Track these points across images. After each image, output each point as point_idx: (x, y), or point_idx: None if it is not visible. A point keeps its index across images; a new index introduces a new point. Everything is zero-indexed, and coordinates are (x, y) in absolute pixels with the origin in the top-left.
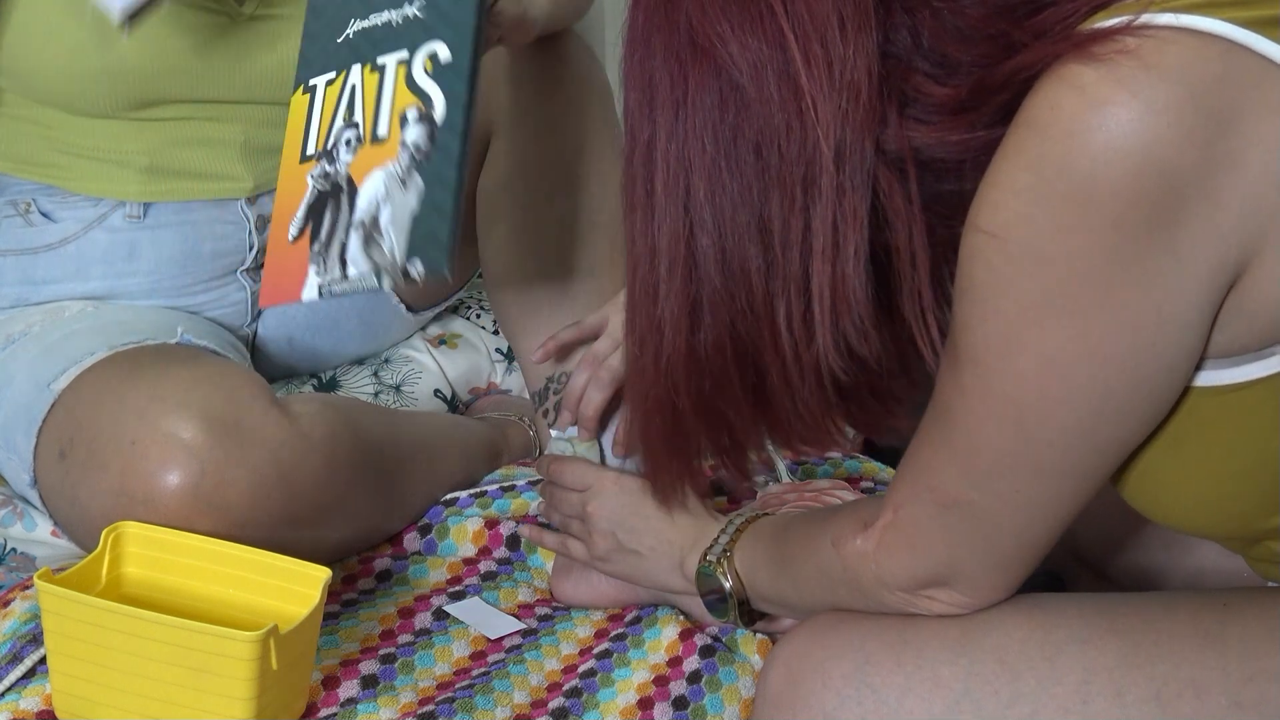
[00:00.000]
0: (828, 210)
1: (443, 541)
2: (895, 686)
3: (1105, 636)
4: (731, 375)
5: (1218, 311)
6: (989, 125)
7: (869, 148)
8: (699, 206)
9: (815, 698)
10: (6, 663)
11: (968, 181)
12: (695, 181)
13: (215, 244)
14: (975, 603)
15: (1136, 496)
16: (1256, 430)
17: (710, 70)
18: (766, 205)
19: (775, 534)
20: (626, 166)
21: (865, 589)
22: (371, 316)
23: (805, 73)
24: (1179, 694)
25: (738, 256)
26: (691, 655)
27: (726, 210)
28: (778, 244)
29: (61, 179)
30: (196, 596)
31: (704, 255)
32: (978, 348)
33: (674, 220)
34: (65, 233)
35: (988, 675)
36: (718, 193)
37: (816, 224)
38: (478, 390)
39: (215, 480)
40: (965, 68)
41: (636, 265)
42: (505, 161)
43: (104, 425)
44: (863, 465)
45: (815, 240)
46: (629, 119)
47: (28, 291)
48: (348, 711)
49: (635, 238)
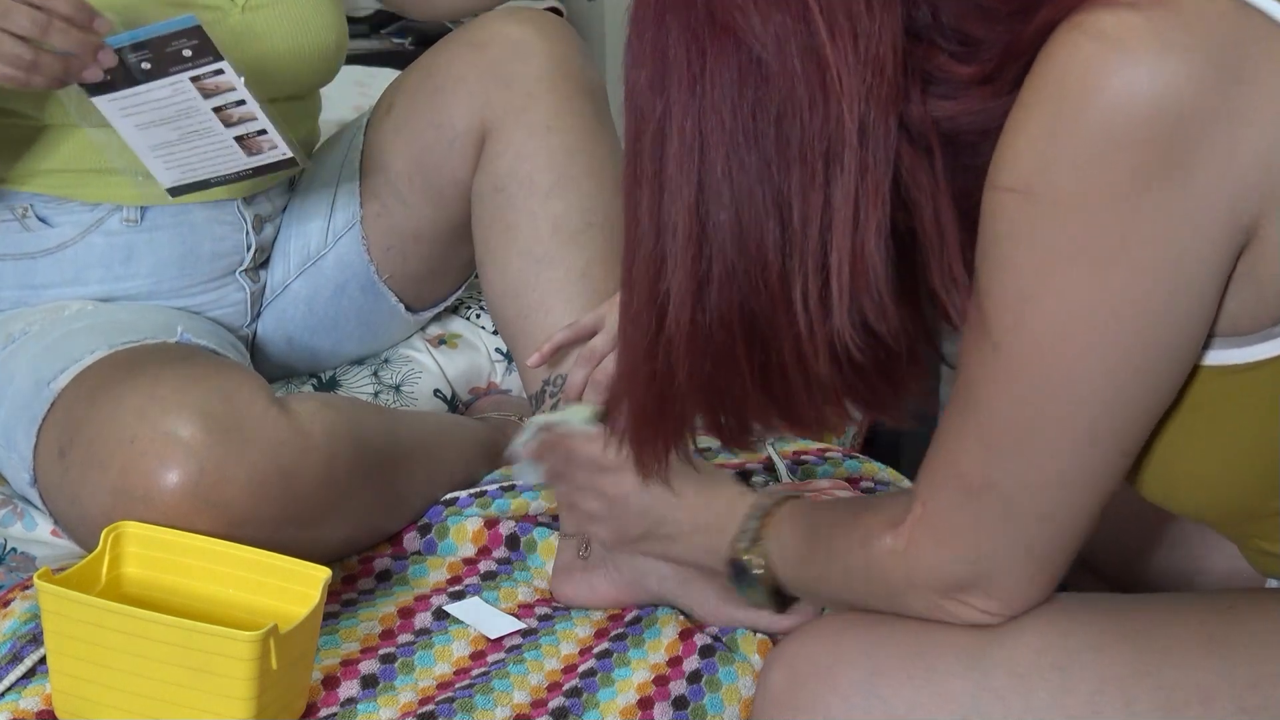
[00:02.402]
0: (850, 185)
1: (443, 541)
2: (904, 699)
3: (1117, 643)
4: (737, 353)
5: (1230, 277)
6: (1011, 90)
7: (892, 124)
8: (715, 182)
9: (821, 701)
10: (6, 663)
11: (987, 153)
12: (712, 157)
13: (213, 245)
14: (1006, 608)
15: (1141, 477)
16: (1261, 413)
17: (730, 44)
18: (786, 180)
19: (805, 526)
20: (632, 145)
21: (894, 589)
22: (371, 317)
23: (830, 46)
24: (1186, 701)
25: (755, 232)
26: (691, 655)
27: (744, 185)
28: (797, 219)
29: (58, 188)
30: (196, 596)
31: (718, 231)
32: (996, 309)
33: (687, 196)
34: (63, 238)
35: (998, 689)
36: (735, 168)
37: (838, 199)
38: (478, 390)
39: (214, 478)
40: (987, 45)
41: (639, 242)
42: (500, 162)
43: (103, 424)
44: (863, 465)
45: (836, 216)
46: (636, 98)
47: (27, 295)
48: (348, 711)
49: (640, 215)
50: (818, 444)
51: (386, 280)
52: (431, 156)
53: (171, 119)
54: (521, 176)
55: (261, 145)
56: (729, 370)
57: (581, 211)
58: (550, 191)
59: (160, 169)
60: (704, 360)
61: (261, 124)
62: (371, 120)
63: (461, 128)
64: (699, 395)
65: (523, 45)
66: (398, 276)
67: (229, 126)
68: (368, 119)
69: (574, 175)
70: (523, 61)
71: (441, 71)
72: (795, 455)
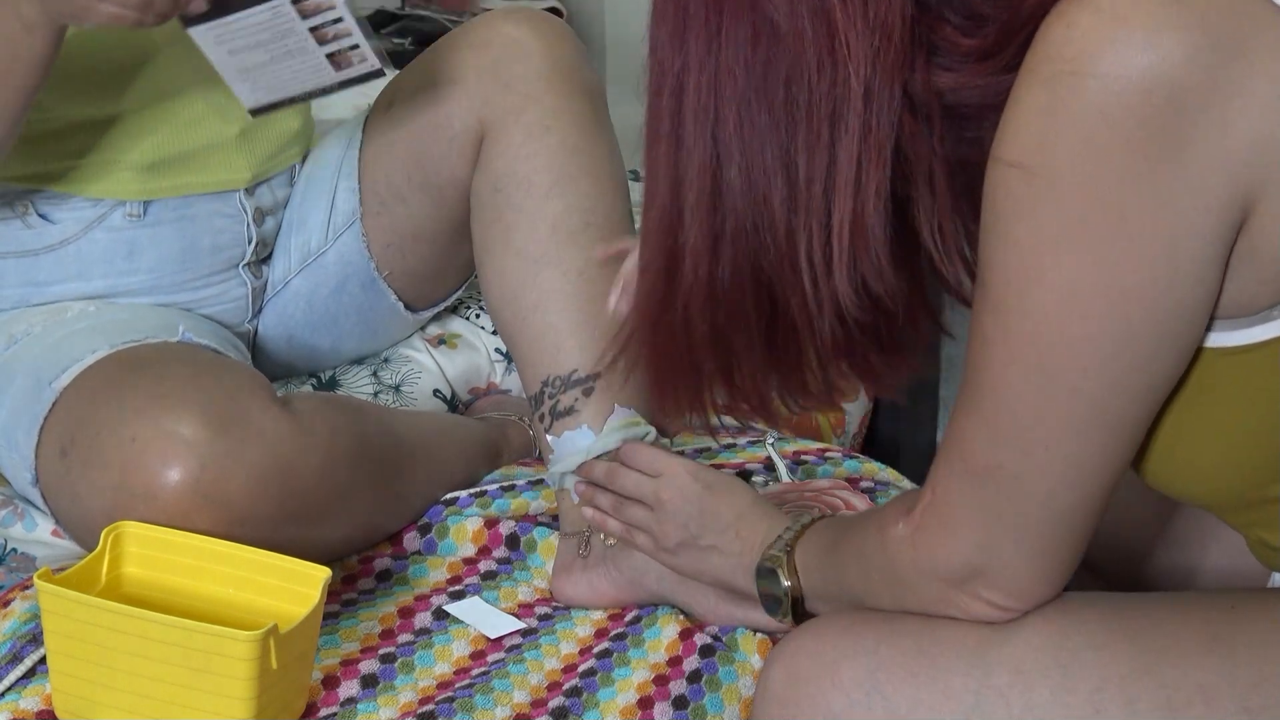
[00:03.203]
0: (853, 147)
1: (443, 541)
2: (906, 696)
3: (1119, 642)
4: (748, 309)
5: (1229, 256)
6: (1010, 68)
7: (897, 90)
8: (728, 139)
9: (823, 697)
10: (6, 663)
11: (987, 129)
12: (725, 114)
13: (214, 238)
14: (1015, 601)
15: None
16: (1261, 396)
17: (745, 3)
18: (793, 140)
19: (833, 532)
20: (653, 99)
21: (903, 579)
22: (371, 316)
23: (840, 10)
24: (1188, 701)
25: (763, 189)
26: (691, 655)
27: (754, 144)
28: (802, 178)
29: (60, 183)
30: (196, 596)
31: (730, 187)
32: (999, 287)
33: (703, 151)
34: (65, 234)
35: (1000, 686)
36: (746, 126)
37: (841, 160)
38: (477, 390)
39: (215, 476)
40: (992, 19)
41: (655, 195)
42: (498, 162)
43: (105, 423)
44: (863, 465)
45: (838, 176)
46: (658, 53)
47: (30, 293)
48: (348, 711)
49: (658, 169)
50: (818, 444)
51: (386, 277)
52: (430, 155)
53: (266, 42)
54: (520, 176)
55: (351, 59)
56: (741, 326)
57: (580, 211)
58: (549, 191)
59: (246, 91)
60: (718, 313)
61: (355, 39)
62: (370, 118)
63: (460, 127)
64: (713, 350)
65: (522, 45)
66: (398, 274)
67: (322, 45)
68: (367, 117)
69: (573, 175)
70: (522, 61)
71: (441, 71)
72: (795, 455)
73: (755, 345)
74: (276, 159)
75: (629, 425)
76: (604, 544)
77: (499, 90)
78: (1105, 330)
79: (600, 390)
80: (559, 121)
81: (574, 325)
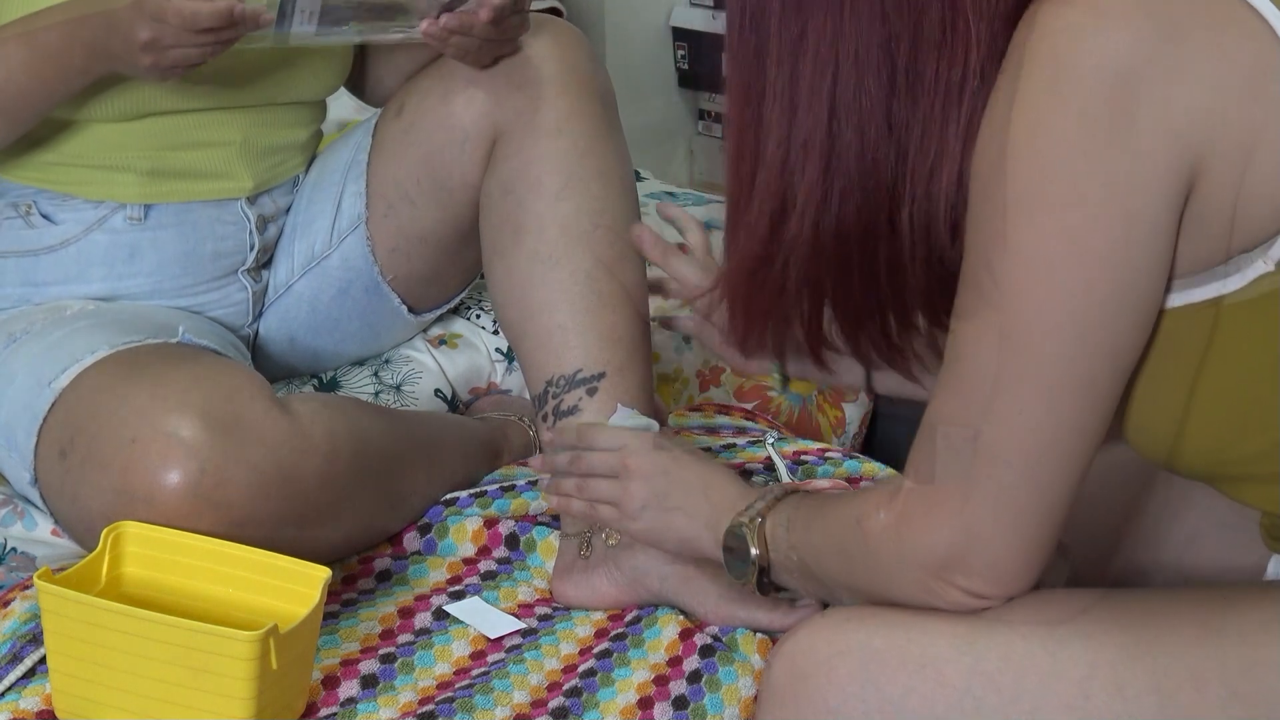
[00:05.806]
0: (962, 126)
1: (442, 541)
2: (899, 685)
3: (1109, 628)
4: (849, 260)
5: (1180, 220)
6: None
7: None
8: (846, 105)
9: (820, 693)
10: (6, 663)
11: None
12: (845, 80)
13: (216, 244)
14: (994, 588)
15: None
16: (1224, 351)
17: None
18: (908, 112)
19: (808, 510)
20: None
21: (885, 567)
22: (374, 319)
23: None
24: (1178, 686)
25: (875, 154)
26: (691, 655)
27: (871, 111)
28: (913, 149)
29: (61, 184)
30: (196, 596)
31: (846, 150)
32: (970, 258)
33: (820, 114)
34: (66, 235)
35: (991, 672)
36: (864, 95)
37: (950, 136)
38: (478, 390)
39: (215, 478)
40: None
41: (760, 154)
42: (509, 164)
43: (105, 424)
44: (863, 465)
45: (947, 150)
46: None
47: (29, 293)
48: (348, 711)
49: (765, 129)
50: (818, 444)
51: (390, 281)
52: (441, 158)
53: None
54: (531, 179)
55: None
56: (840, 276)
57: (590, 214)
58: (559, 193)
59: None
60: (818, 265)
61: None
62: (380, 122)
63: (472, 130)
64: (808, 295)
65: (533, 49)
66: (402, 278)
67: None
68: (376, 120)
69: (583, 177)
70: (533, 65)
71: (452, 75)
72: (795, 455)
73: (851, 295)
74: (279, 169)
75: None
76: (605, 544)
77: (511, 93)
78: (1068, 294)
79: (604, 390)
80: (570, 124)
81: (580, 326)
